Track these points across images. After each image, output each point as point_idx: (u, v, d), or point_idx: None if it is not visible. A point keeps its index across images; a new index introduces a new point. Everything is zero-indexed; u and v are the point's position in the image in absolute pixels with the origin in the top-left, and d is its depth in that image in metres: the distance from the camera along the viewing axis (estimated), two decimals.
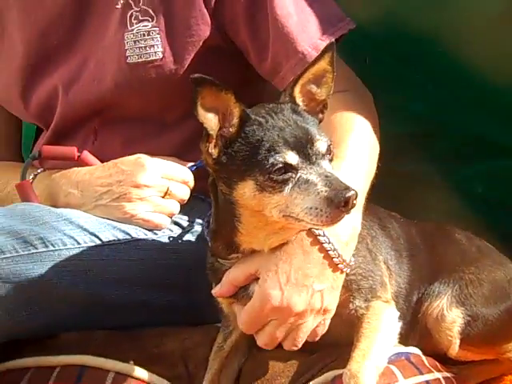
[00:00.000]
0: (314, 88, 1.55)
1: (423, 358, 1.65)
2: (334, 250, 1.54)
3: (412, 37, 2.19)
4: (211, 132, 1.47)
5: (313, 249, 1.54)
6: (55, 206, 1.86)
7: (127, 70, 1.86)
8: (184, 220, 1.91)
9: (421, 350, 1.70)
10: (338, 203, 1.38)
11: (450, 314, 1.70)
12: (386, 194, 2.19)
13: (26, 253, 1.65)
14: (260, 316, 1.53)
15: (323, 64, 1.52)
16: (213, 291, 1.59)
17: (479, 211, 2.18)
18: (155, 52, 1.86)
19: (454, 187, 2.23)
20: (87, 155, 1.92)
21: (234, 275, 1.57)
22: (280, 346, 1.63)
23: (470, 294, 1.72)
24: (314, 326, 1.56)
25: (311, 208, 1.40)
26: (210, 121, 1.46)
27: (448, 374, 1.66)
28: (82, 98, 1.94)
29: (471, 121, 2.17)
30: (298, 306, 1.51)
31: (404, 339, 1.71)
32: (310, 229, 1.52)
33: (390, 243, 1.75)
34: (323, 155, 1.46)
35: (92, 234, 1.75)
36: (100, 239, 1.75)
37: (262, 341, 1.56)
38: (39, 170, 1.96)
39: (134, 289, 1.77)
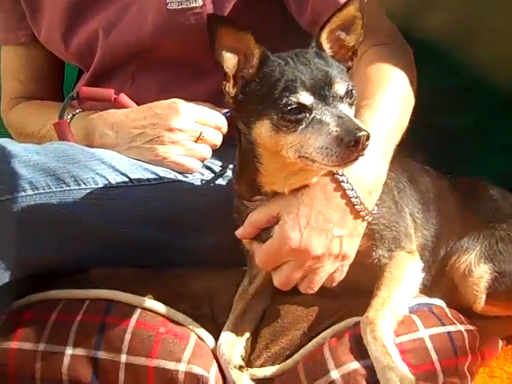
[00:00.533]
0: (343, 35, 1.55)
1: (446, 309, 1.65)
2: (357, 197, 1.54)
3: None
4: (227, 71, 1.51)
5: (335, 194, 1.54)
6: (91, 145, 1.90)
7: (167, 15, 1.87)
8: (216, 165, 1.92)
9: (446, 303, 1.69)
10: (347, 143, 1.38)
11: (477, 269, 1.70)
12: (424, 147, 2.19)
13: (59, 189, 1.68)
14: (278, 255, 1.55)
15: (351, 10, 1.52)
16: (236, 232, 1.62)
17: None
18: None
19: (492, 142, 2.19)
20: (124, 97, 1.94)
21: (257, 217, 1.59)
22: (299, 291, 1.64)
23: (500, 250, 1.71)
24: (331, 271, 1.58)
25: (322, 148, 1.41)
26: (228, 60, 1.50)
27: (471, 327, 1.65)
28: (122, 40, 1.96)
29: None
30: (315, 250, 1.53)
31: (429, 291, 1.72)
32: (333, 174, 1.53)
33: (418, 196, 1.74)
34: (341, 98, 1.47)
35: (123, 174, 1.78)
36: (130, 179, 1.78)
37: (278, 280, 1.58)
38: (77, 111, 1.99)
39: (162, 229, 1.80)
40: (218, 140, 1.87)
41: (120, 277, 1.76)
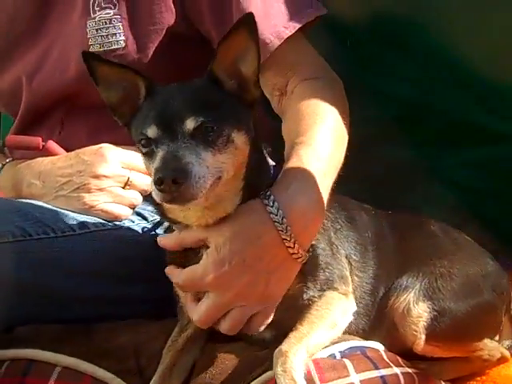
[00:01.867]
0: (239, 65, 1.49)
1: (382, 352, 1.57)
2: (291, 239, 1.48)
3: (396, 18, 2.10)
4: (108, 103, 1.55)
5: (267, 234, 1.48)
6: (19, 196, 1.85)
7: None
8: (147, 210, 1.86)
9: (387, 345, 1.61)
10: (155, 183, 1.37)
11: (416, 308, 1.62)
12: (370, 180, 2.13)
13: None
14: (199, 284, 1.50)
15: (240, 39, 1.45)
16: (158, 239, 1.57)
17: (465, 199, 2.07)
18: (117, 41, 1.83)
19: (439, 174, 2.13)
20: (52, 144, 1.90)
21: (184, 236, 1.54)
22: (235, 339, 1.59)
23: (439, 287, 1.63)
24: (254, 311, 1.51)
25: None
26: (109, 95, 1.54)
27: (409, 370, 1.56)
28: (46, 87, 1.91)
29: (458, 106, 2.07)
30: (238, 287, 1.47)
31: (368, 334, 1.64)
32: (269, 213, 1.48)
33: (355, 237, 1.68)
34: (191, 134, 1.41)
35: (46, 225, 1.71)
36: (54, 230, 1.71)
37: (196, 314, 1.52)
38: (8, 160, 1.95)
39: (89, 281, 1.73)
40: (147, 185, 1.80)
41: (45, 335, 1.68)
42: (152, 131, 1.42)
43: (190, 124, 1.41)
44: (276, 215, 1.47)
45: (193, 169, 1.36)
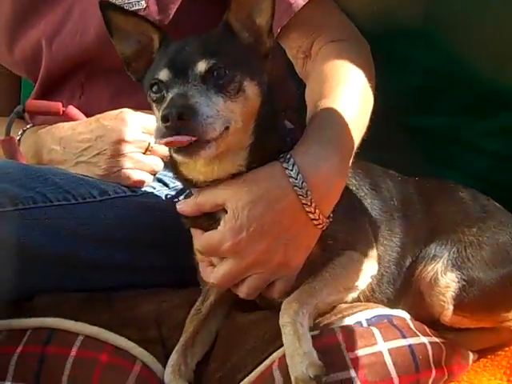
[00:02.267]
0: (254, 16, 1.46)
1: (409, 321, 1.54)
2: (311, 204, 1.44)
3: None
4: (121, 56, 1.53)
5: (286, 198, 1.44)
6: (40, 162, 1.82)
7: None
8: (168, 177, 1.82)
9: (413, 315, 1.58)
10: (161, 120, 1.33)
11: (444, 278, 1.58)
12: (395, 148, 2.08)
13: None
14: (216, 249, 1.48)
15: None
16: (177, 205, 1.53)
17: (492, 167, 2.02)
18: (138, 1, 1.77)
19: (466, 142, 2.07)
20: (72, 110, 1.86)
21: (201, 200, 1.50)
22: (259, 307, 1.57)
23: (468, 257, 1.59)
24: (272, 278, 1.49)
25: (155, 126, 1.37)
26: (123, 47, 1.52)
27: (437, 339, 1.53)
28: (66, 51, 1.87)
29: (485, 74, 1.98)
30: (256, 253, 1.44)
31: (393, 303, 1.61)
32: (289, 177, 1.43)
33: (380, 205, 1.63)
34: (202, 77, 1.38)
35: (66, 191, 1.68)
36: (74, 196, 1.68)
37: (214, 276, 1.50)
38: (28, 126, 1.91)
39: (110, 249, 1.70)
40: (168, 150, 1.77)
41: (66, 303, 1.65)
42: (163, 74, 1.40)
43: (201, 66, 1.38)
44: (296, 179, 1.43)
45: (200, 107, 1.34)
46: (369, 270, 1.54)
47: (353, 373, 1.40)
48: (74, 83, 1.91)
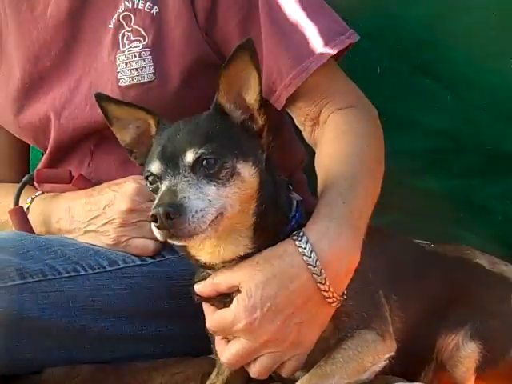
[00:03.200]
0: (243, 94, 1.42)
1: None
2: (325, 282, 1.41)
3: (427, 43, 2.02)
4: (122, 144, 1.55)
5: (300, 277, 1.41)
6: (49, 231, 1.79)
7: (119, 93, 1.75)
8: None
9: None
10: (151, 219, 1.31)
11: (465, 348, 1.54)
12: (407, 212, 2.05)
13: (3, 285, 1.55)
14: (228, 329, 1.43)
15: (241, 65, 1.38)
16: (195, 287, 1.49)
17: (505, 229, 1.98)
18: (147, 74, 1.75)
19: (479, 204, 2.05)
20: (81, 178, 1.83)
21: (218, 281, 1.46)
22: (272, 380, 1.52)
23: (490, 326, 1.55)
24: (285, 358, 1.45)
25: None
26: (122, 134, 1.55)
27: None
28: (75, 122, 1.85)
29: (497, 136, 1.98)
30: (269, 334, 1.41)
31: (413, 374, 1.56)
32: (302, 255, 1.40)
33: (396, 275, 1.58)
34: (191, 167, 1.34)
35: (75, 262, 1.65)
36: (84, 268, 1.65)
37: (225, 356, 1.46)
38: (37, 194, 1.88)
39: (120, 320, 1.67)
40: None
41: (76, 377, 1.60)
42: (155, 167, 1.38)
43: (189, 156, 1.35)
44: (309, 257, 1.40)
45: (189, 203, 1.30)
46: (384, 351, 1.47)
47: None
48: (82, 151, 1.89)
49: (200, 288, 1.49)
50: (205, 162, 1.34)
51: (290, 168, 1.88)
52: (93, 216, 1.73)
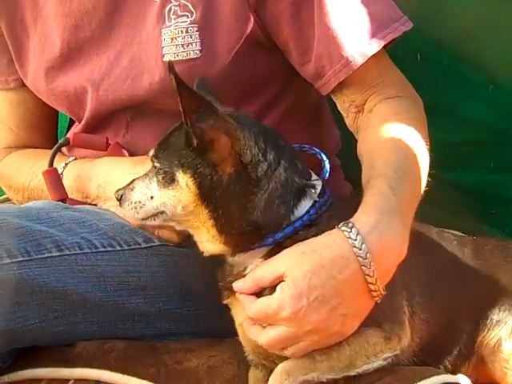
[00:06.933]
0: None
1: None
2: (373, 275, 1.34)
3: (470, 32, 1.93)
4: None
5: (349, 268, 1.33)
6: (84, 199, 1.71)
7: (163, 68, 1.66)
8: None
9: (473, 380, 1.47)
10: None
11: (508, 344, 1.47)
12: (433, 205, 1.96)
13: (40, 257, 1.46)
14: (272, 318, 1.35)
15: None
16: (234, 285, 1.41)
17: None
18: (193, 50, 1.65)
19: (507, 200, 1.97)
20: (118, 146, 1.75)
21: (262, 274, 1.38)
22: None
23: None
24: (322, 346, 1.38)
25: None
26: None
27: None
28: (114, 95, 1.74)
29: None
30: (313, 323, 1.33)
31: (452, 370, 1.50)
32: (352, 246, 1.33)
33: (428, 275, 1.51)
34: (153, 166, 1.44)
35: (111, 237, 1.56)
36: (119, 244, 1.57)
37: (264, 339, 1.38)
38: (70, 159, 1.78)
39: (154, 297, 1.58)
40: None
41: (109, 352, 1.51)
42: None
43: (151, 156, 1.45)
44: (360, 249, 1.32)
45: (128, 194, 1.46)
46: (384, 353, 1.39)
47: None
48: (119, 122, 1.80)
49: (240, 286, 1.41)
50: (155, 164, 1.42)
51: (327, 152, 1.80)
52: None
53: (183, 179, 1.38)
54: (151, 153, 1.45)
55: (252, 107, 1.71)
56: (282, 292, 1.34)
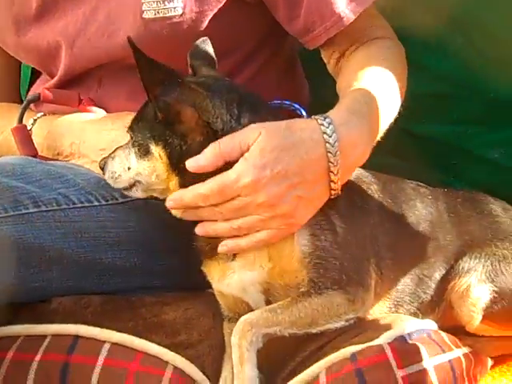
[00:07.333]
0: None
1: (442, 334, 1.47)
2: (336, 165, 1.36)
3: None
4: None
5: (316, 151, 1.35)
6: (56, 155, 1.69)
7: (142, 25, 1.63)
8: None
9: (440, 324, 1.51)
10: None
11: (476, 290, 1.52)
12: (397, 156, 2.00)
13: (17, 213, 1.44)
14: (232, 188, 1.33)
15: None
16: (190, 161, 1.36)
17: (492, 178, 1.96)
18: (174, 8, 1.62)
19: (471, 153, 2.02)
20: (89, 102, 1.73)
21: (229, 145, 1.35)
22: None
23: (502, 270, 1.53)
24: (273, 227, 1.37)
25: None
26: None
27: (466, 350, 1.47)
28: (89, 52, 1.71)
29: (503, 84, 1.92)
30: (270, 195, 1.33)
31: (422, 316, 1.54)
32: (323, 133, 1.36)
33: (404, 228, 1.54)
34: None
35: (88, 192, 1.55)
36: (97, 199, 1.56)
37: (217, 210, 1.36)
38: (39, 115, 1.75)
39: (131, 252, 1.58)
40: None
41: (86, 307, 1.52)
42: None
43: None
44: (330, 136, 1.36)
45: (110, 164, 1.48)
46: (347, 315, 1.40)
47: None
48: (92, 78, 1.77)
49: (194, 163, 1.36)
50: (131, 136, 1.44)
51: (302, 105, 1.81)
52: (102, 147, 1.63)
53: (156, 150, 1.40)
54: (127, 124, 1.46)
55: (228, 63, 1.70)
56: (245, 162, 1.33)
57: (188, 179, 1.39)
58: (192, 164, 1.37)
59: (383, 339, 1.36)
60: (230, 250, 1.42)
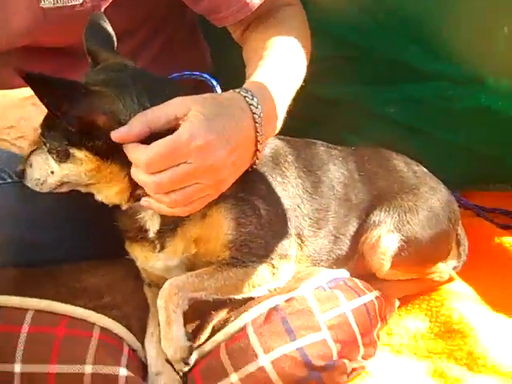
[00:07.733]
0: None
1: (356, 281, 1.56)
2: (262, 134, 1.39)
3: None
4: None
5: (246, 120, 1.37)
6: None
7: (40, 14, 1.58)
8: None
9: (352, 272, 1.59)
10: None
11: (385, 240, 1.61)
12: (300, 118, 2.06)
13: None
14: (182, 151, 1.29)
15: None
16: (113, 134, 1.32)
17: (388, 133, 2.04)
18: None
19: (371, 111, 2.11)
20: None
21: (157, 114, 1.32)
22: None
23: (408, 220, 1.63)
24: (204, 194, 1.37)
25: None
26: None
27: (377, 293, 1.57)
28: None
29: (394, 47, 2.03)
30: (214, 160, 1.32)
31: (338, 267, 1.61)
32: (249, 104, 1.38)
33: (316, 195, 1.59)
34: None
35: (1, 170, 1.54)
36: (10, 175, 1.54)
37: (162, 178, 1.31)
38: None
39: (47, 228, 1.56)
40: None
41: (6, 278, 1.50)
42: None
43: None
44: (256, 107, 1.38)
45: (28, 172, 1.45)
46: (270, 284, 1.47)
47: (326, 334, 1.40)
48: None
49: (125, 131, 1.31)
50: (46, 143, 1.40)
51: (208, 72, 1.82)
52: (8, 125, 1.56)
53: (79, 153, 1.37)
54: (39, 131, 1.41)
55: (132, 42, 1.70)
56: (192, 123, 1.30)
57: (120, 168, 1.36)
58: (116, 135, 1.31)
59: (303, 289, 1.44)
60: (150, 208, 1.40)
